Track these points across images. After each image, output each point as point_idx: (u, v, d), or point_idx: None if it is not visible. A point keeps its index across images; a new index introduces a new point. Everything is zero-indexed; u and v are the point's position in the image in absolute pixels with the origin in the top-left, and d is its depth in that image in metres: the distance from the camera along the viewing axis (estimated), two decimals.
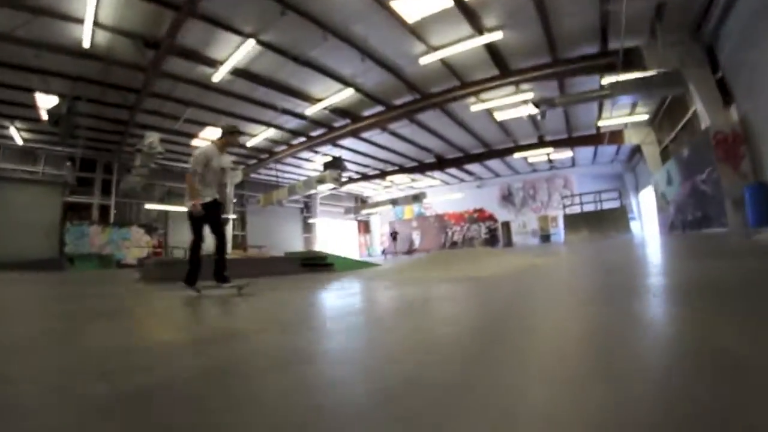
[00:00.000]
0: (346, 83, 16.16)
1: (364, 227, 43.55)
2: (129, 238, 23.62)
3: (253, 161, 26.78)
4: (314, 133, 22.15)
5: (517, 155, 26.33)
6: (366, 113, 19.48)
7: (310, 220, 35.14)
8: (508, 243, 33.05)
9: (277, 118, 19.70)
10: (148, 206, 25.11)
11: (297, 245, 33.59)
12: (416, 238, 38.73)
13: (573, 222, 22.94)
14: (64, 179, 20.91)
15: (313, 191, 26.70)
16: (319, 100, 17.52)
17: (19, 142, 19.02)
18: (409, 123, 20.51)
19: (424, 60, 13.84)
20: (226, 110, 18.85)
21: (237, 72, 15.14)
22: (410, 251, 37.28)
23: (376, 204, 36.13)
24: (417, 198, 31.90)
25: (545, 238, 30.97)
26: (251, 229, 31.71)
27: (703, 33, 11.93)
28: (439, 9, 11.43)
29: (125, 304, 4.23)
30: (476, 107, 18.00)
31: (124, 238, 23.42)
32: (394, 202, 33.89)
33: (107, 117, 18.48)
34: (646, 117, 20.73)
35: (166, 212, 25.98)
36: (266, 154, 25.34)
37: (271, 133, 21.40)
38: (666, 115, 19.56)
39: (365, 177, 31.22)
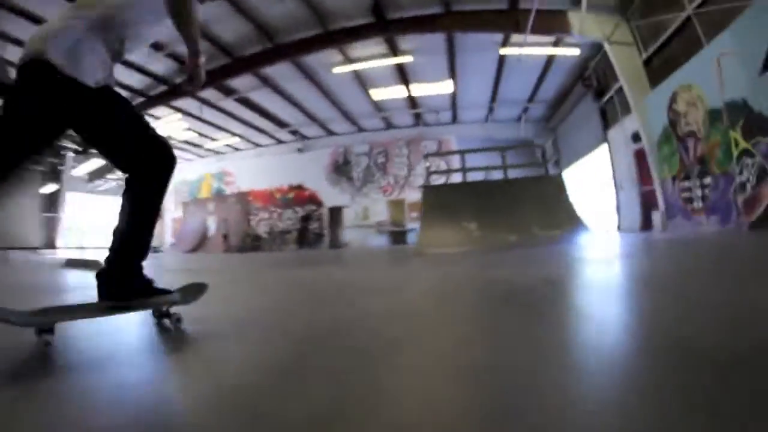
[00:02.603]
0: None
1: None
2: None
3: None
4: None
5: (340, 69, 14.17)
6: None
7: (44, 189, 19.14)
8: (334, 243, 20.24)
9: None
10: None
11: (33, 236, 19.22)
12: (212, 225, 23.44)
13: (442, 201, 9.40)
14: None
15: None
16: None
17: None
18: None
19: None
20: None
21: None
22: (197, 248, 22.25)
23: None
24: None
25: (398, 236, 18.65)
26: None
27: None
28: None
29: None
30: None
31: None
32: None
33: None
34: None
35: None
36: None
37: None
38: None
39: None
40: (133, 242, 1.71)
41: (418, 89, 16.11)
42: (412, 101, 17.44)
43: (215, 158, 24.51)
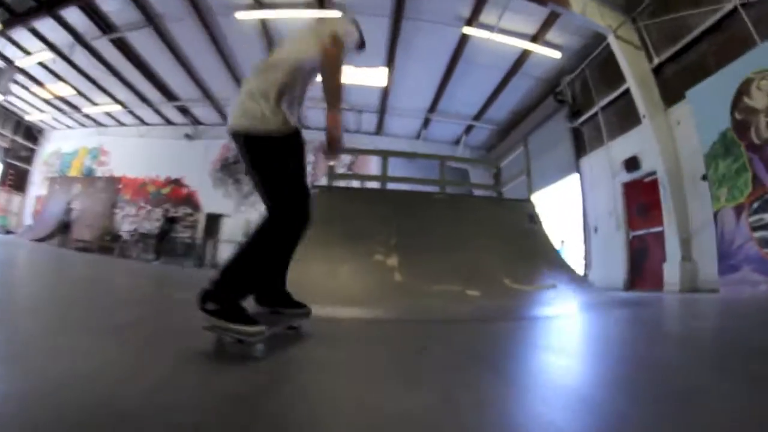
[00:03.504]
0: None
1: (18, 181, 21.82)
2: None
3: None
4: None
5: (245, 15, 10.43)
6: None
7: None
8: (201, 259, 15.31)
9: None
10: None
11: None
12: (76, 211, 18.04)
13: (343, 213, 5.17)
14: None
15: None
16: None
17: None
18: None
19: None
20: None
21: None
22: (50, 237, 17.18)
23: None
24: None
25: None
26: None
27: None
28: None
29: None
30: None
31: None
32: None
33: None
34: None
35: None
36: None
37: None
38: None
39: None
40: (272, 263, 1.97)
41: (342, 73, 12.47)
42: None
43: (96, 130, 19.41)
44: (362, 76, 12.46)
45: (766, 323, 3.13)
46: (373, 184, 8.33)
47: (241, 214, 16.05)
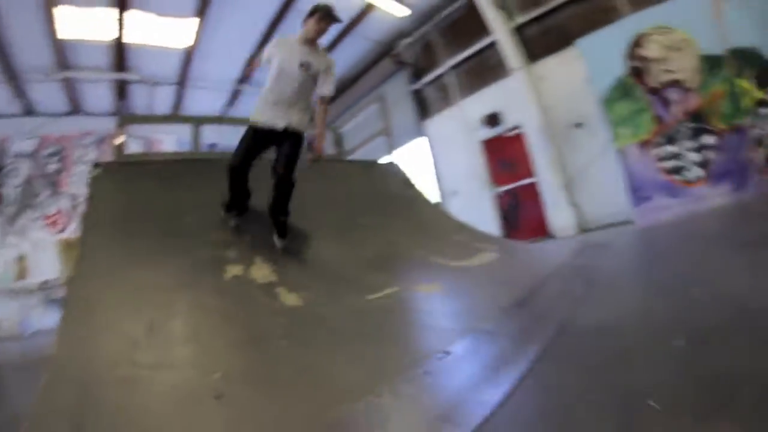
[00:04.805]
0: None
1: None
2: None
3: None
4: None
5: None
6: None
7: None
8: None
9: None
10: None
11: None
12: None
13: (154, 204, 3.13)
14: None
15: None
16: None
17: None
18: None
19: None
20: None
21: None
22: None
23: None
24: None
25: None
26: None
27: None
28: None
29: None
30: None
31: None
32: None
33: None
34: None
35: None
36: None
37: None
38: None
39: None
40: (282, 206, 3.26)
41: (140, 27, 9.06)
42: (120, 54, 9.90)
43: None
44: (163, 33, 9.45)
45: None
46: None
47: (6, 248, 9.94)
